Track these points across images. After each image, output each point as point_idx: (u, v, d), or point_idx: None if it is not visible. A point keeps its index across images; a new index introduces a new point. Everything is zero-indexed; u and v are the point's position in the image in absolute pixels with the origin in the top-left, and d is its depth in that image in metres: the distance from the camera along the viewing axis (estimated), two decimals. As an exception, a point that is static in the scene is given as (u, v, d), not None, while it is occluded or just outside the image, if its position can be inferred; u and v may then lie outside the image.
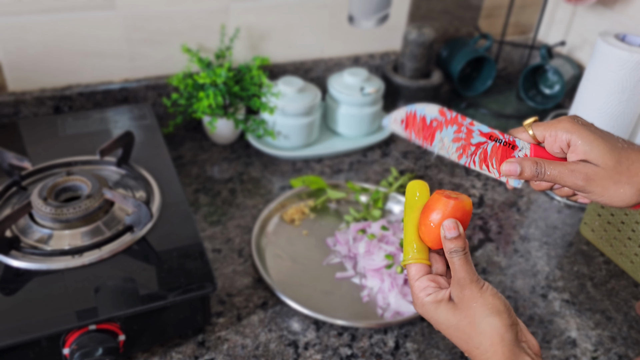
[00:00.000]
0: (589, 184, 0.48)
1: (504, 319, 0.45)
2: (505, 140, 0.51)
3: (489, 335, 0.45)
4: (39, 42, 1.00)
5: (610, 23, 1.23)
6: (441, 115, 0.52)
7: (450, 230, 0.48)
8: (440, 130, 0.52)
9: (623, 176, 0.47)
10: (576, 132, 0.48)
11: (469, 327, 0.46)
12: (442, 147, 0.52)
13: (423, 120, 0.52)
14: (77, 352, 0.64)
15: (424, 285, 0.49)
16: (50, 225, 0.75)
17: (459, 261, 0.47)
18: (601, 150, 0.47)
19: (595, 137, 0.48)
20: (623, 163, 0.47)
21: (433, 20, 1.31)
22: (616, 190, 0.47)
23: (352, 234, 0.92)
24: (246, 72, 1.10)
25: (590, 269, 0.93)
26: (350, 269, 0.88)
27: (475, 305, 0.46)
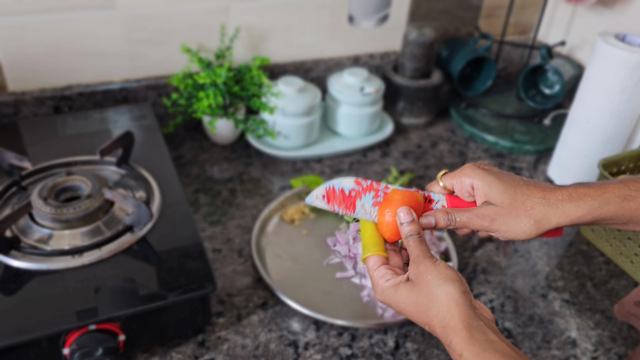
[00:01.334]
0: (493, 223, 0.53)
1: (457, 286, 0.48)
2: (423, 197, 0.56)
3: (445, 302, 0.48)
4: (39, 42, 1.00)
5: (610, 23, 1.23)
6: (357, 185, 0.57)
7: (405, 215, 0.53)
8: (359, 198, 0.57)
9: (520, 210, 0.52)
10: (476, 176, 0.54)
11: (426, 298, 0.49)
12: (364, 213, 0.57)
13: (342, 193, 0.57)
14: (77, 352, 0.64)
15: (382, 273, 0.53)
16: (50, 225, 0.75)
17: (414, 242, 0.52)
18: (498, 189, 0.53)
19: (492, 179, 0.53)
20: (518, 199, 0.52)
21: (433, 20, 1.31)
22: (516, 224, 0.52)
23: (352, 234, 0.92)
24: (246, 72, 1.10)
25: (590, 269, 0.93)
26: (350, 269, 0.88)
27: (430, 277, 0.49)
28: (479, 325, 0.47)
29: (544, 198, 0.52)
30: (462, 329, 0.46)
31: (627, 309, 0.75)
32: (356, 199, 0.57)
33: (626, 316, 0.76)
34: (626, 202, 0.52)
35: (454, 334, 0.47)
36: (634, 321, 0.75)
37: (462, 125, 1.27)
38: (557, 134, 1.19)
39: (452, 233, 0.96)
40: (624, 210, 0.52)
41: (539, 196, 0.52)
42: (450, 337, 0.47)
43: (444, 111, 1.33)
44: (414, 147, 1.21)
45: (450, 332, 0.47)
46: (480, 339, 0.46)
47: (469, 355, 0.45)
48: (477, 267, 0.91)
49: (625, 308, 0.75)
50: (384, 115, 1.24)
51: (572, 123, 1.04)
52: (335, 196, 0.57)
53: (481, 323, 0.47)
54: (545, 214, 0.52)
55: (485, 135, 1.23)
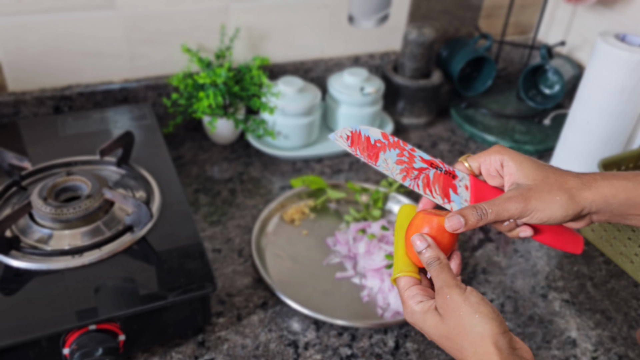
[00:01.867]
0: (528, 202, 0.50)
1: (495, 326, 0.45)
2: (446, 170, 0.54)
3: (482, 345, 0.44)
4: (39, 42, 1.00)
5: (610, 23, 1.23)
6: (384, 138, 0.54)
7: (416, 243, 0.50)
8: (384, 151, 0.54)
9: (554, 185, 0.50)
10: (506, 153, 0.53)
11: (459, 337, 0.45)
12: (386, 167, 0.54)
13: (368, 140, 0.54)
14: (77, 352, 0.64)
15: (412, 294, 0.50)
16: (50, 225, 0.75)
17: (434, 272, 0.48)
18: (529, 167, 0.51)
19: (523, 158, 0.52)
20: (550, 177, 0.51)
21: (433, 20, 1.31)
22: (552, 200, 0.49)
23: (352, 234, 0.93)
24: (246, 72, 1.10)
25: (590, 269, 0.93)
26: (350, 269, 0.88)
27: (462, 313, 0.45)
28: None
29: (577, 177, 0.51)
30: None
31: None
32: (380, 150, 0.54)
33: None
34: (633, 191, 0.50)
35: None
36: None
37: (462, 125, 1.27)
38: (557, 134, 1.19)
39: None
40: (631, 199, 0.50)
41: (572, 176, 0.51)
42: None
43: (444, 111, 1.33)
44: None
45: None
46: None
47: None
48: (477, 267, 0.91)
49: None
50: (384, 115, 1.24)
51: (572, 123, 1.04)
52: (360, 141, 0.54)
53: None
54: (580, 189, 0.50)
55: (485, 135, 1.23)
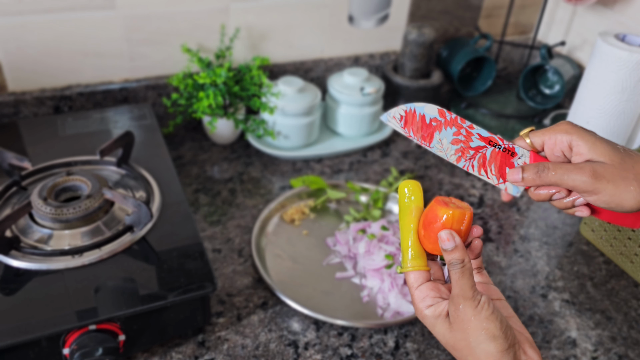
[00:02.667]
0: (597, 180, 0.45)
1: (498, 344, 0.44)
2: (505, 147, 0.50)
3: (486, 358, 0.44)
4: (39, 42, 1.00)
5: (610, 23, 1.23)
6: (440, 115, 0.50)
7: (445, 242, 0.46)
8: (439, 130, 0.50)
9: (630, 173, 0.45)
10: (576, 133, 0.47)
11: (465, 349, 0.45)
12: (440, 148, 0.50)
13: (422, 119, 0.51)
14: (77, 352, 0.64)
15: (423, 295, 0.48)
16: (50, 225, 0.75)
17: (455, 275, 0.46)
18: (605, 148, 0.46)
19: (595, 138, 0.47)
20: (627, 162, 0.45)
21: (433, 20, 1.31)
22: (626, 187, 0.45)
23: (352, 234, 0.92)
24: (246, 72, 1.10)
25: (590, 269, 0.93)
26: (350, 269, 0.88)
27: (470, 328, 0.45)
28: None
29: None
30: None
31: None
32: (435, 130, 0.50)
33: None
34: None
35: None
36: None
37: (462, 125, 1.27)
38: (557, 134, 1.19)
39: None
40: None
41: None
42: None
43: (444, 111, 1.33)
44: (414, 147, 1.21)
45: None
46: None
47: None
48: (477, 267, 0.91)
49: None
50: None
51: (572, 123, 1.04)
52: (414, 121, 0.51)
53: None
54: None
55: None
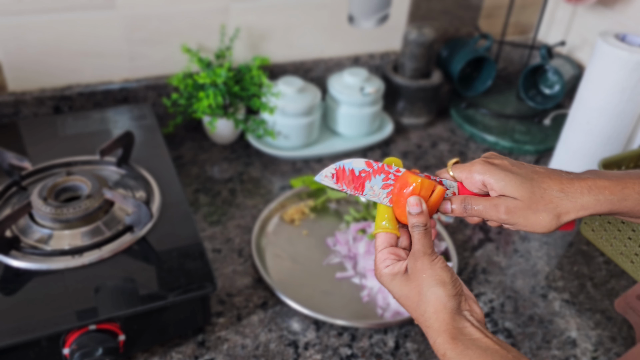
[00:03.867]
0: (511, 216, 0.52)
1: (447, 289, 0.49)
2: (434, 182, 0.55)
3: (433, 304, 0.49)
4: (39, 42, 1.00)
5: (610, 23, 1.23)
6: (368, 166, 0.56)
7: (413, 206, 0.53)
8: (369, 180, 0.55)
9: (539, 205, 0.51)
10: (487, 172, 0.52)
11: (417, 296, 0.50)
12: (373, 194, 0.56)
13: (352, 173, 0.56)
14: (77, 352, 0.64)
15: (384, 257, 0.53)
16: (50, 225, 0.75)
17: (418, 235, 0.52)
18: (514, 185, 0.51)
19: (506, 174, 0.52)
20: (536, 193, 0.51)
21: (433, 20, 1.31)
22: (536, 218, 0.51)
23: (352, 234, 0.92)
24: (246, 72, 1.10)
25: (590, 269, 0.93)
26: (350, 269, 0.88)
27: (424, 276, 0.50)
28: (464, 326, 0.48)
29: (562, 191, 0.51)
30: (445, 331, 0.48)
31: (628, 302, 0.75)
32: (365, 180, 0.56)
33: (625, 310, 0.75)
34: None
35: (437, 335, 0.49)
36: (631, 316, 0.75)
37: (462, 125, 1.27)
38: (557, 134, 1.19)
39: (453, 232, 0.96)
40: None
41: (557, 189, 0.51)
42: (434, 338, 0.49)
43: (444, 111, 1.33)
44: (414, 147, 1.21)
45: (434, 333, 0.49)
46: (462, 339, 0.47)
47: (452, 354, 0.47)
48: (477, 267, 0.91)
49: (627, 301, 0.75)
50: (384, 115, 1.24)
51: (572, 123, 1.04)
52: (345, 176, 0.56)
53: (466, 324, 0.49)
54: (564, 207, 0.51)
55: (485, 135, 1.23)
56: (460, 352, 0.47)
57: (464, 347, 0.47)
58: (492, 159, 0.54)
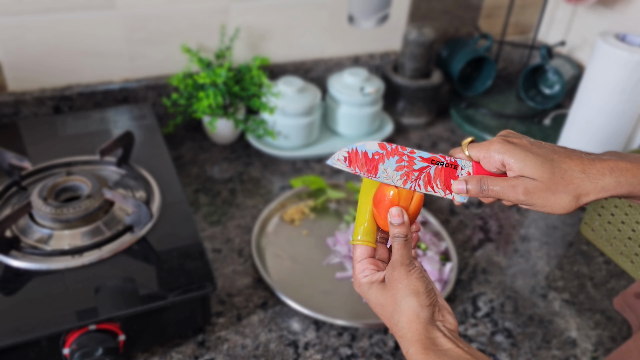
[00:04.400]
0: (529, 197, 0.50)
1: (421, 299, 0.50)
2: (447, 162, 0.54)
3: (406, 314, 0.50)
4: (39, 42, 1.00)
5: (610, 23, 1.23)
6: (382, 148, 0.55)
7: (395, 217, 0.53)
8: (382, 162, 0.55)
9: (559, 186, 0.50)
10: (507, 152, 0.51)
11: (392, 305, 0.51)
12: (386, 177, 0.55)
13: (365, 155, 0.55)
14: (77, 352, 0.64)
15: (363, 267, 0.54)
16: (50, 225, 0.75)
17: (398, 245, 0.53)
18: (534, 165, 0.50)
19: (526, 154, 0.51)
20: (556, 173, 0.50)
21: (433, 20, 1.31)
22: (556, 200, 0.50)
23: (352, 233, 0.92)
24: (246, 72, 1.10)
25: (590, 269, 0.93)
26: (350, 269, 0.88)
27: (400, 285, 0.51)
28: (435, 337, 0.49)
29: (584, 172, 0.50)
30: (417, 341, 0.49)
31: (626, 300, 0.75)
32: (379, 162, 0.55)
33: (623, 308, 0.75)
34: None
35: (410, 345, 0.49)
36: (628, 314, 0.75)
37: (462, 125, 1.27)
38: (557, 134, 1.19)
39: (453, 232, 0.96)
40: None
41: (578, 169, 0.50)
42: (407, 347, 0.49)
43: (444, 111, 1.33)
44: (414, 147, 1.21)
45: (407, 343, 0.49)
46: (434, 349, 0.48)
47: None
48: (477, 267, 0.91)
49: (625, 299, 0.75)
50: (384, 115, 1.24)
51: (572, 123, 1.04)
52: (358, 159, 0.55)
53: (438, 334, 0.49)
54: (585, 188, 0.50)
55: (485, 135, 1.23)
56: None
57: (435, 357, 0.47)
58: (510, 137, 0.53)
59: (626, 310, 0.75)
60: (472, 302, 0.85)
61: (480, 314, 0.83)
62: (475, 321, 0.82)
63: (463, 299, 0.85)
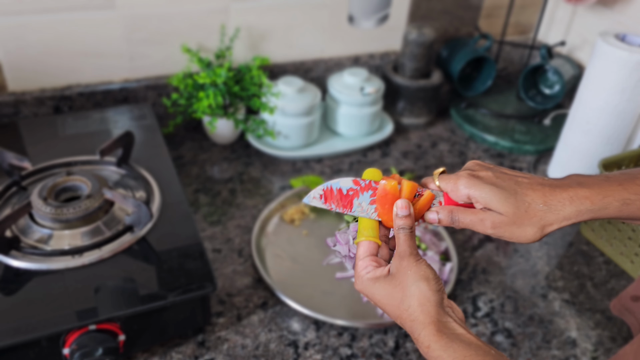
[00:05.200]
0: (497, 230, 0.53)
1: (431, 284, 0.51)
2: (419, 193, 0.56)
3: (417, 297, 0.50)
4: (39, 42, 1.00)
5: (610, 23, 1.23)
6: (355, 184, 0.57)
7: (402, 209, 0.54)
8: (357, 197, 0.57)
9: (524, 219, 0.52)
10: (473, 186, 0.53)
11: (401, 292, 0.51)
12: (361, 211, 0.57)
13: (340, 192, 0.57)
14: (77, 352, 0.64)
15: (366, 264, 0.55)
16: (50, 225, 0.75)
17: (404, 236, 0.54)
18: (499, 200, 0.52)
19: (491, 188, 0.53)
20: (520, 207, 0.52)
21: (433, 20, 1.31)
22: (521, 232, 0.52)
23: (352, 234, 0.92)
24: (246, 72, 1.10)
25: (590, 269, 0.93)
26: (350, 269, 0.88)
27: (409, 272, 0.52)
28: (447, 321, 0.49)
29: (545, 204, 0.52)
30: (430, 323, 0.49)
31: (623, 304, 0.75)
32: (354, 197, 0.57)
33: (621, 311, 0.76)
34: (625, 206, 0.52)
35: (422, 328, 0.49)
36: (627, 317, 0.75)
37: (462, 125, 1.27)
38: (557, 134, 1.19)
39: (453, 232, 0.96)
40: (622, 213, 0.53)
41: (540, 202, 0.52)
42: (419, 331, 0.49)
43: (444, 111, 1.33)
44: (414, 147, 1.21)
45: (419, 325, 0.49)
46: (447, 332, 0.48)
47: (436, 346, 0.48)
48: (477, 267, 0.91)
49: (622, 302, 0.75)
50: (384, 115, 1.24)
51: (572, 123, 1.04)
52: (333, 195, 0.58)
53: (449, 319, 0.50)
54: (548, 219, 0.52)
55: (485, 135, 1.23)
56: (444, 344, 0.48)
57: (448, 340, 0.48)
58: (477, 171, 0.55)
59: (624, 314, 0.75)
60: (472, 302, 0.85)
61: (480, 314, 0.83)
62: (475, 321, 0.82)
63: (463, 299, 0.85)
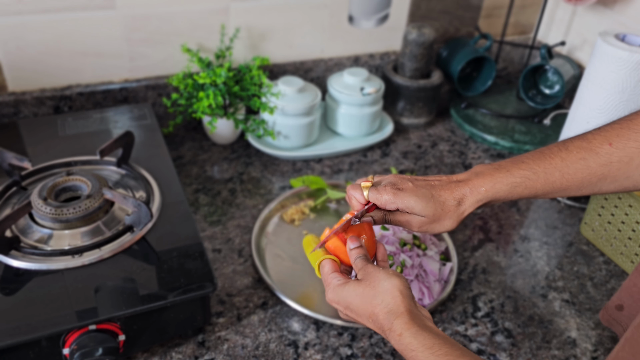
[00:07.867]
0: (422, 228, 0.64)
1: (402, 281, 0.55)
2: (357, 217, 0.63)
3: (390, 291, 0.54)
4: (39, 42, 1.00)
5: (610, 23, 1.23)
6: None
7: (353, 242, 0.61)
8: None
9: (442, 216, 0.62)
10: (397, 199, 0.62)
11: (372, 290, 0.55)
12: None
13: None
14: (77, 352, 0.64)
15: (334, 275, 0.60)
16: (50, 225, 0.75)
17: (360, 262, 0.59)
18: (420, 207, 0.61)
19: (411, 198, 0.61)
20: (437, 207, 0.62)
21: (433, 20, 1.31)
22: (442, 225, 0.63)
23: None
24: (246, 72, 1.10)
25: (590, 269, 0.93)
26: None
27: (379, 274, 0.56)
28: (419, 313, 0.54)
29: (455, 199, 0.62)
30: (405, 312, 0.53)
31: (610, 314, 0.76)
32: None
33: (609, 322, 0.76)
34: (513, 188, 0.61)
35: (396, 317, 0.52)
36: (615, 327, 0.76)
37: (462, 125, 1.27)
38: (557, 134, 1.19)
39: (453, 232, 0.96)
40: (512, 194, 0.62)
41: (452, 198, 0.62)
42: (392, 320, 0.52)
43: (444, 111, 1.33)
44: (414, 147, 1.21)
45: (393, 315, 0.53)
46: (418, 322, 0.52)
47: (408, 333, 0.51)
48: (477, 267, 0.91)
49: (608, 312, 0.76)
50: (384, 115, 1.24)
51: (572, 123, 1.04)
52: None
53: (420, 313, 0.54)
54: (460, 210, 0.62)
55: (485, 135, 1.23)
56: (415, 331, 0.51)
57: (419, 328, 0.51)
58: (398, 184, 0.63)
59: (612, 324, 0.76)
60: (472, 302, 0.85)
61: (480, 314, 0.83)
62: (475, 321, 0.82)
63: (463, 299, 0.85)
